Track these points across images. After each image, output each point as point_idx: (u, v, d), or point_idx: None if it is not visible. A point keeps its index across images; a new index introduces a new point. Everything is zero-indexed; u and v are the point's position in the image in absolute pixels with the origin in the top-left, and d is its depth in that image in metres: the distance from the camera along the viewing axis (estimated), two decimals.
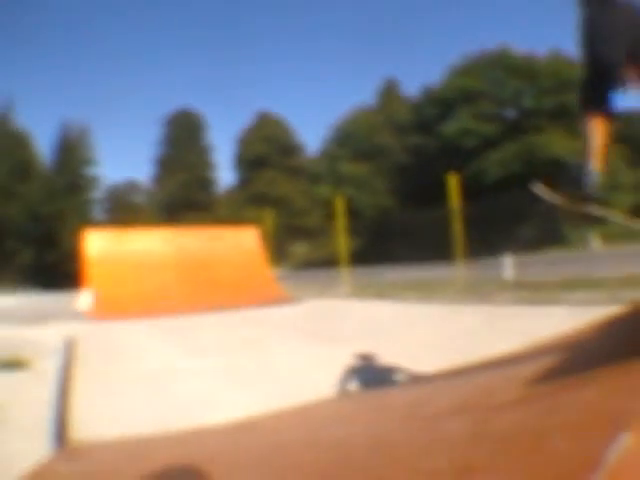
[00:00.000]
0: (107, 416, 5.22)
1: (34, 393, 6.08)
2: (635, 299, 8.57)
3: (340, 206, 24.34)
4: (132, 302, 15.69)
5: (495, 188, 45.62)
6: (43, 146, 67.65)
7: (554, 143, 48.24)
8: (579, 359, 3.30)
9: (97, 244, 18.32)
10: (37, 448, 3.97)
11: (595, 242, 43.83)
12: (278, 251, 32.02)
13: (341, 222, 24.66)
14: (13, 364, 7.67)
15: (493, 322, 10.12)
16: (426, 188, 47.57)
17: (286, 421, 4.61)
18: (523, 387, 2.96)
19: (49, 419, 4.92)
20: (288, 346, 9.00)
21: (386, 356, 7.28)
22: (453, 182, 20.45)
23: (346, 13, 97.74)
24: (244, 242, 20.47)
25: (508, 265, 19.29)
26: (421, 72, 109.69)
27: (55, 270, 55.72)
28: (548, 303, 11.54)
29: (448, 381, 4.70)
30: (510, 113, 53.25)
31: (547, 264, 23.80)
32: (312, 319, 13.67)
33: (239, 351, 8.85)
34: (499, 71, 52.18)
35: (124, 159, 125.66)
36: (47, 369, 7.40)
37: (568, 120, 48.07)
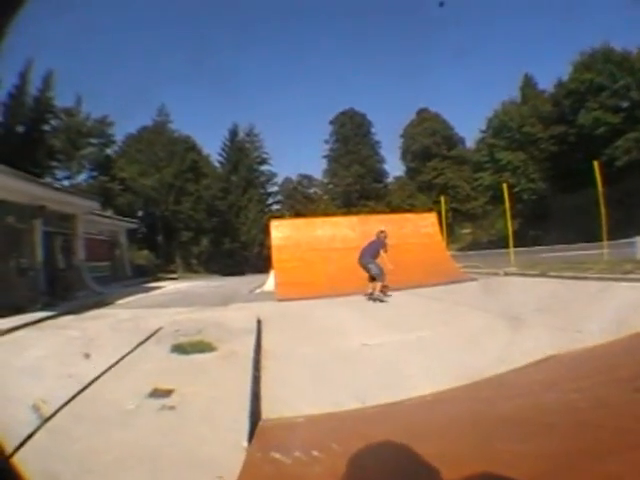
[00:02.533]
0: (302, 394, 5.48)
1: (221, 375, 6.04)
2: None
3: (505, 192, 24.56)
4: (318, 283, 15.77)
5: (626, 174, 45.82)
6: (210, 147, 73.67)
7: None
8: None
9: (281, 232, 18.78)
10: (223, 433, 3.98)
11: None
12: (448, 234, 32.01)
13: (507, 207, 25.18)
14: (201, 347, 7.62)
15: None
16: (571, 174, 47.17)
17: (488, 391, 4.78)
18: None
19: (239, 399, 4.94)
20: (475, 322, 9.01)
21: (565, 329, 7.74)
22: (597, 168, 20.54)
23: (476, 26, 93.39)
24: (425, 227, 20.38)
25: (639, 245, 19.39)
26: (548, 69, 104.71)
27: (232, 257, 58.93)
28: None
29: (628, 349, 5.25)
30: (624, 104, 51.48)
31: None
32: (490, 295, 13.74)
33: (428, 326, 8.80)
34: (610, 66, 50.90)
35: (293, 156, 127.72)
36: (235, 350, 7.32)
37: None
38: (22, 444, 3.80)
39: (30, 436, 4.02)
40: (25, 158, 37.35)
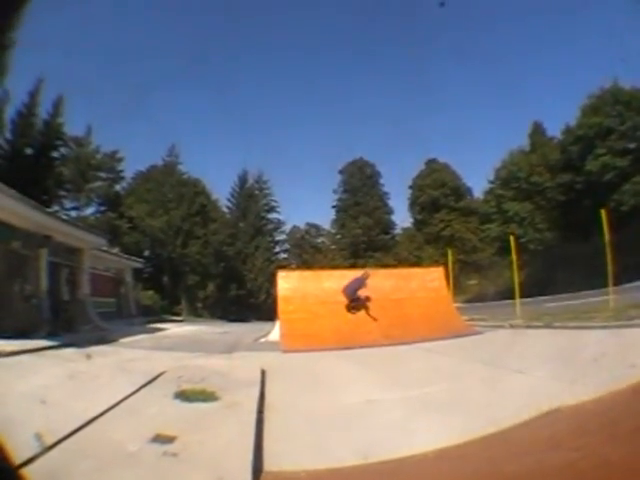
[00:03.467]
0: (303, 449, 5.40)
1: (224, 425, 6.02)
2: None
3: (512, 244, 25.27)
4: (324, 336, 15.72)
5: (633, 217, 45.16)
6: (219, 192, 73.08)
7: None
8: None
9: (288, 282, 18.79)
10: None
11: None
12: (455, 286, 31.95)
13: (514, 258, 25.02)
14: (203, 395, 7.59)
15: None
16: (578, 222, 47.57)
17: (493, 449, 4.74)
18: None
19: (242, 451, 4.91)
20: (479, 375, 9.05)
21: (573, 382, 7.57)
22: (604, 217, 20.36)
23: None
24: (431, 281, 20.36)
25: None
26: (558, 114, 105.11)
27: (238, 304, 59.09)
28: None
29: (627, 402, 5.40)
30: (631, 145, 51.13)
31: None
32: (495, 349, 13.58)
33: (433, 382, 8.75)
34: (619, 107, 51.05)
35: (301, 206, 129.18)
36: (238, 400, 7.28)
37: None
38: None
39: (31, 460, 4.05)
40: (34, 184, 37.68)
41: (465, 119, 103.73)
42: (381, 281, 19.08)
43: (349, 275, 19.74)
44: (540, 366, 9.42)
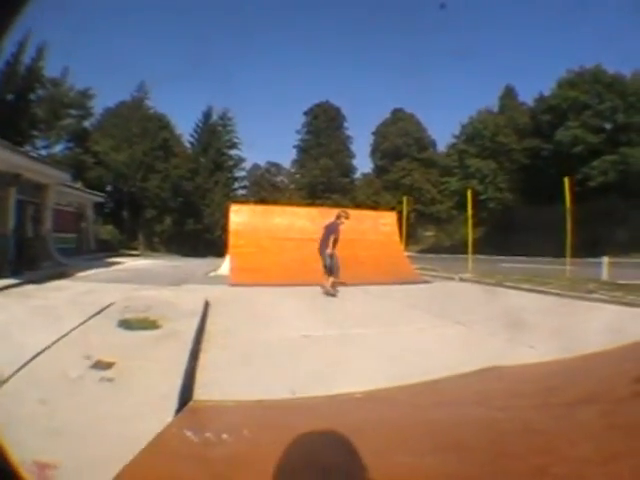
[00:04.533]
0: (235, 380, 5.59)
1: (161, 352, 6.27)
2: None
3: (469, 199, 24.65)
4: (272, 271, 15.94)
5: (598, 194, 46.45)
6: (184, 128, 70.68)
7: None
8: None
9: (240, 217, 18.94)
10: (160, 406, 4.23)
11: None
12: (409, 235, 32.10)
13: (469, 213, 24.99)
14: (145, 324, 7.86)
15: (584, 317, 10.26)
16: (541, 188, 47.57)
17: (421, 395, 4.72)
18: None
19: (173, 378, 5.09)
20: (419, 323, 9.10)
21: (504, 341, 7.78)
22: (567, 185, 20.66)
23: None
24: (384, 225, 20.67)
25: (605, 266, 19.10)
26: (532, 83, 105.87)
27: (195, 239, 58.96)
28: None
29: (572, 371, 5.15)
30: (607, 125, 52.23)
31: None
32: (439, 299, 13.69)
33: (371, 324, 8.92)
34: (598, 86, 51.73)
35: (265, 144, 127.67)
36: (178, 330, 7.52)
37: None
38: None
39: None
40: (10, 126, 37.45)
41: (439, 79, 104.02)
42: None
43: (301, 213, 20.38)
44: (483, 322, 9.54)
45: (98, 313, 8.68)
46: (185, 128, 76.49)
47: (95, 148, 55.29)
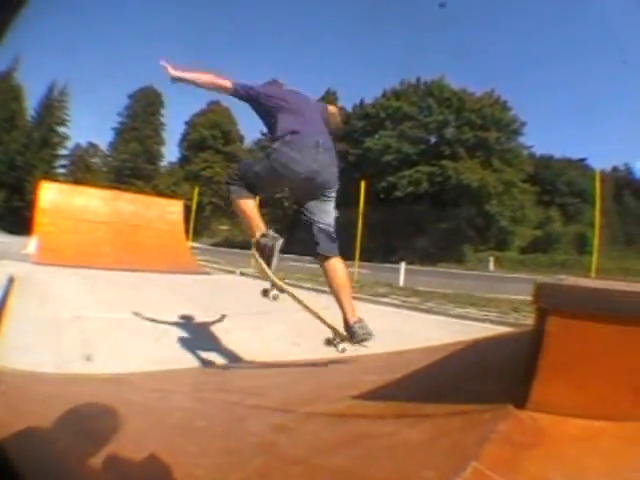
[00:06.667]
0: (23, 350, 5.45)
1: None
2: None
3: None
4: (70, 252, 16.31)
5: (405, 203, 48.91)
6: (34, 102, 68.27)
7: (467, 171, 50.86)
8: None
9: (49, 196, 18.71)
10: None
11: (491, 265, 46.01)
12: (202, 227, 32.03)
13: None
14: None
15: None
16: (341, 191, 47.69)
17: (169, 382, 4.68)
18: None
19: None
20: (180, 312, 8.73)
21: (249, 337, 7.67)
22: (363, 188, 21.68)
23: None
24: (170, 213, 21.17)
25: (402, 271, 19.45)
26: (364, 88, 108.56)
27: (20, 216, 56.29)
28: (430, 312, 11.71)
29: (287, 375, 5.02)
30: (432, 139, 55.03)
31: (442, 277, 24.83)
32: (211, 290, 14.21)
33: (140, 309, 8.67)
34: (431, 99, 54.16)
35: (95, 123, 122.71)
36: None
37: (485, 155, 51.71)
38: None
39: None
40: None
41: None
42: (123, 204, 19.88)
43: (96, 195, 20.50)
44: (249, 317, 9.26)
45: None
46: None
47: None
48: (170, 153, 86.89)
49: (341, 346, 5.10)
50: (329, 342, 5.24)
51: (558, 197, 63.70)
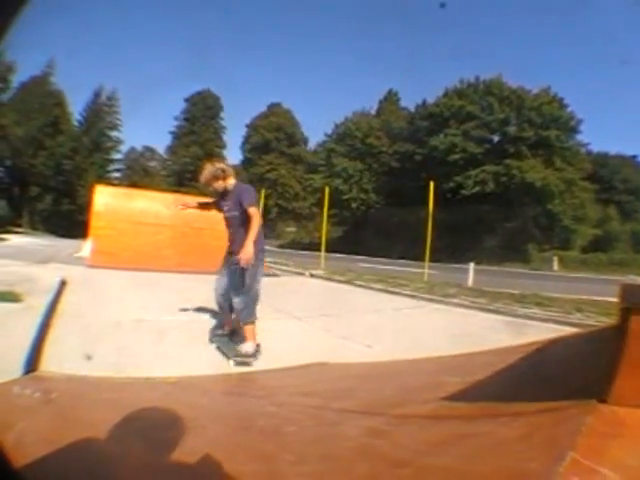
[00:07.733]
0: (71, 355, 5.49)
1: (17, 324, 6.73)
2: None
3: (327, 196, 24.85)
4: (128, 255, 16.18)
5: (471, 202, 47.91)
6: (77, 107, 69.05)
7: (530, 170, 49.69)
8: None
9: (104, 199, 18.46)
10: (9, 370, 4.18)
11: (555, 264, 45.26)
12: (268, 229, 31.90)
13: (325, 211, 25.49)
14: (9, 297, 8.35)
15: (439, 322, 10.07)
16: (408, 192, 47.77)
17: (237, 386, 4.69)
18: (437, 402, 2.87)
19: (20, 349, 5.27)
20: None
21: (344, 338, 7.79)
22: (432, 189, 20.68)
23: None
24: None
25: (471, 272, 19.16)
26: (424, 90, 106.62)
27: (70, 219, 57.51)
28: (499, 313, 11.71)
29: (368, 377, 4.67)
30: (495, 137, 54.02)
31: (508, 277, 24.18)
32: (283, 292, 13.68)
33: (202, 312, 8.92)
34: (491, 98, 52.84)
35: (148, 128, 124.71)
36: (38, 304, 8.03)
37: (546, 154, 50.47)
38: None
39: None
40: None
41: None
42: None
43: (157, 198, 20.02)
44: (321, 318, 9.62)
45: None
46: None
47: (2, 121, 53.69)
48: (232, 156, 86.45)
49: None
50: None
51: (615, 195, 63.47)
